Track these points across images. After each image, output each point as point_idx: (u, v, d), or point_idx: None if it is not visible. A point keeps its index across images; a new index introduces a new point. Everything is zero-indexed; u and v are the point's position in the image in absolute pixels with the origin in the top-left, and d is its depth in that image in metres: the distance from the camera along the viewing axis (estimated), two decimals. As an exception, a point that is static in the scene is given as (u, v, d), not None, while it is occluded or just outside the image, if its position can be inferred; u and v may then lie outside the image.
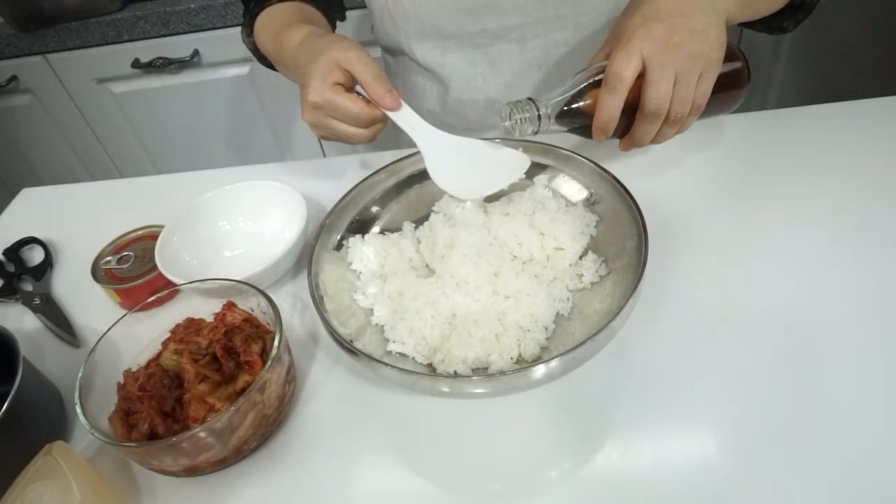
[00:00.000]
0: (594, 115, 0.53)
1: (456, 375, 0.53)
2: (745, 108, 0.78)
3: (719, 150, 0.75)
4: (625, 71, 0.50)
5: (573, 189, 0.66)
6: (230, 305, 0.58)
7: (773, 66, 1.48)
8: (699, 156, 0.74)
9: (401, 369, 0.49)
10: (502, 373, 0.51)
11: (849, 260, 0.60)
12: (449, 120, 0.86)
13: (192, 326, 0.57)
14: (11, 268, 0.77)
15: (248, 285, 0.57)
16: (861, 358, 0.52)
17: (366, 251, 0.63)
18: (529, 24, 0.75)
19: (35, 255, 0.79)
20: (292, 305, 0.65)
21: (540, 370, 0.47)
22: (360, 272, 0.63)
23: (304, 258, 0.62)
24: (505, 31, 0.76)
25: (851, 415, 0.49)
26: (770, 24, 0.68)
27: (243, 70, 1.41)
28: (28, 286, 0.74)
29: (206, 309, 0.59)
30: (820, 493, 0.45)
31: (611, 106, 0.52)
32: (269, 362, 0.50)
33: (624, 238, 0.58)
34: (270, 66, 0.80)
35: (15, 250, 0.79)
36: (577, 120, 0.57)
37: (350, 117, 0.59)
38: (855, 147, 0.72)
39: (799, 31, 1.38)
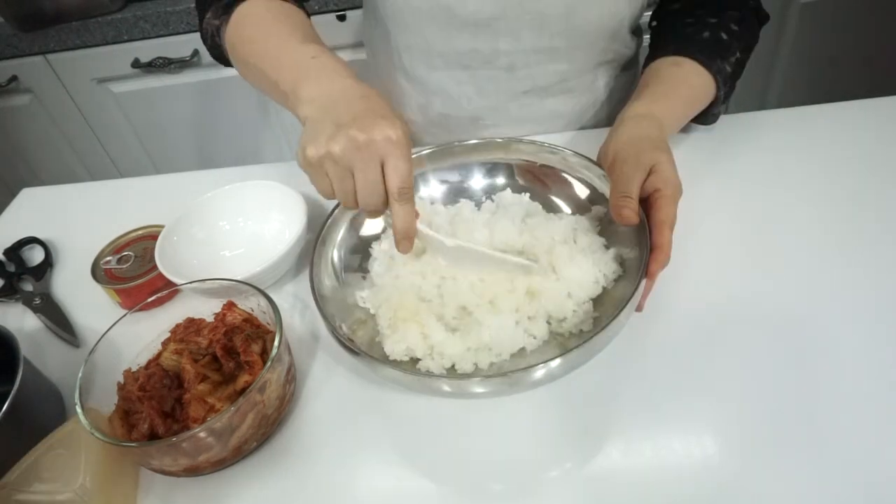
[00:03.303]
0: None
1: (456, 375, 0.53)
2: (744, 108, 0.79)
3: (719, 150, 0.75)
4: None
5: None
6: (230, 305, 0.58)
7: (773, 66, 1.48)
8: (699, 156, 0.74)
9: (403, 369, 0.49)
10: (503, 373, 0.51)
11: (850, 259, 0.60)
12: (432, 130, 0.85)
13: (192, 326, 0.57)
14: (11, 268, 0.77)
15: (248, 285, 0.56)
16: (862, 358, 0.52)
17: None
18: (521, 52, 0.74)
19: (35, 255, 0.79)
20: (292, 305, 0.65)
21: (540, 371, 0.47)
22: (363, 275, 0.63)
23: (304, 258, 0.62)
24: (495, 56, 0.75)
25: (852, 415, 0.49)
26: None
27: (243, 70, 1.41)
28: (28, 286, 0.74)
29: (206, 309, 0.59)
30: (820, 493, 0.45)
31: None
32: (270, 362, 0.49)
33: (625, 241, 0.58)
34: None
35: (15, 250, 0.79)
36: None
37: (373, 182, 0.49)
38: (855, 146, 0.72)
39: (799, 30, 1.39)
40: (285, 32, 0.60)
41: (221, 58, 0.70)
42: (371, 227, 0.68)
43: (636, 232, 0.56)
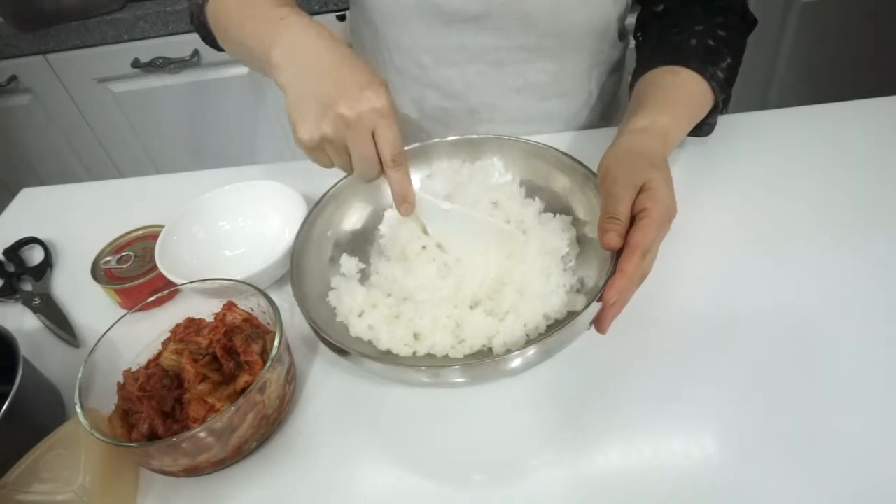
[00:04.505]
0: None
1: (434, 364, 0.53)
2: (745, 108, 0.79)
3: (720, 151, 0.75)
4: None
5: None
6: (230, 305, 0.58)
7: (773, 66, 1.48)
8: (699, 156, 0.74)
9: (383, 361, 0.50)
10: (480, 361, 0.52)
11: (849, 259, 0.60)
12: (428, 124, 0.85)
13: (192, 326, 0.57)
14: (11, 268, 0.77)
15: (248, 285, 0.56)
16: (861, 358, 0.52)
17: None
18: (508, 49, 0.74)
19: (35, 255, 0.79)
20: (292, 305, 0.65)
21: (516, 360, 0.48)
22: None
23: (304, 258, 0.62)
24: (483, 52, 0.75)
25: (852, 415, 0.49)
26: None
27: (243, 70, 1.41)
28: (28, 286, 0.74)
29: (206, 309, 0.59)
30: (820, 493, 0.45)
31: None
32: (270, 362, 0.49)
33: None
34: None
35: (15, 250, 0.79)
36: None
37: (367, 156, 0.52)
38: (855, 146, 0.72)
39: (799, 30, 1.39)
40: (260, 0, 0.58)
41: (211, 41, 0.69)
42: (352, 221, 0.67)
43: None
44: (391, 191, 0.54)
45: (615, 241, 0.50)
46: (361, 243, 0.66)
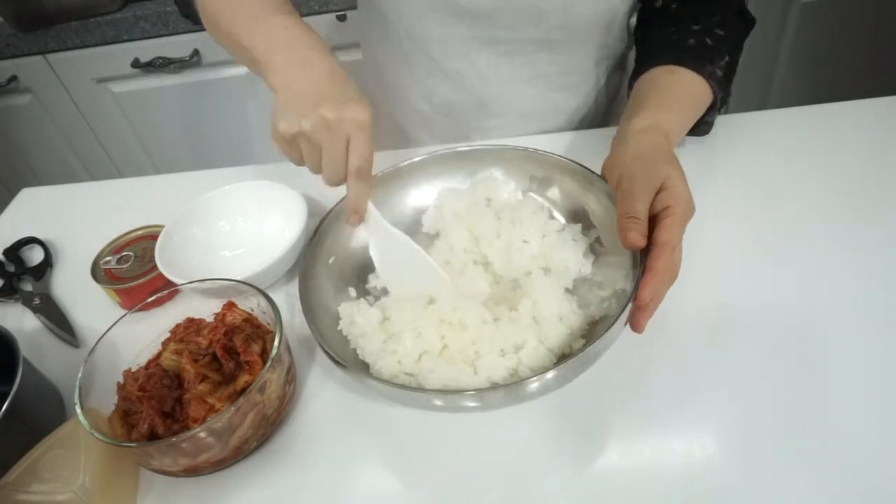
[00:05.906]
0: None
1: (447, 389, 0.51)
2: (744, 108, 0.79)
3: (719, 151, 0.75)
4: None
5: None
6: (230, 305, 0.58)
7: (773, 66, 1.48)
8: (699, 156, 0.74)
9: (392, 384, 0.49)
10: (495, 387, 0.50)
11: (849, 259, 0.60)
12: (438, 118, 0.85)
13: (192, 326, 0.57)
14: (11, 268, 0.77)
15: (248, 285, 0.56)
16: (861, 358, 0.52)
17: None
18: (519, 42, 0.75)
19: (35, 255, 0.79)
20: (292, 306, 0.65)
21: (534, 384, 0.46)
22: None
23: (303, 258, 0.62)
24: (494, 43, 0.76)
25: (852, 415, 0.49)
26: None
27: (243, 70, 1.41)
28: (28, 286, 0.74)
29: (206, 309, 0.59)
30: (820, 493, 0.45)
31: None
32: (270, 362, 0.49)
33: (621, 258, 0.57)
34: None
35: (15, 250, 0.78)
36: None
37: (336, 160, 0.53)
38: (855, 146, 0.72)
39: (799, 30, 1.38)
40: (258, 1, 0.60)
41: (191, 14, 0.71)
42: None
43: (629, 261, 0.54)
44: (347, 199, 0.55)
45: (638, 239, 0.50)
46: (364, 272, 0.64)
